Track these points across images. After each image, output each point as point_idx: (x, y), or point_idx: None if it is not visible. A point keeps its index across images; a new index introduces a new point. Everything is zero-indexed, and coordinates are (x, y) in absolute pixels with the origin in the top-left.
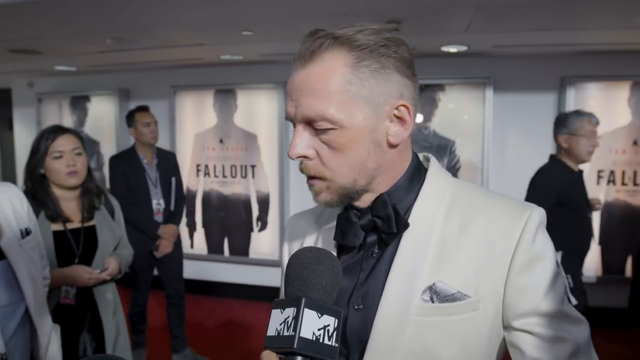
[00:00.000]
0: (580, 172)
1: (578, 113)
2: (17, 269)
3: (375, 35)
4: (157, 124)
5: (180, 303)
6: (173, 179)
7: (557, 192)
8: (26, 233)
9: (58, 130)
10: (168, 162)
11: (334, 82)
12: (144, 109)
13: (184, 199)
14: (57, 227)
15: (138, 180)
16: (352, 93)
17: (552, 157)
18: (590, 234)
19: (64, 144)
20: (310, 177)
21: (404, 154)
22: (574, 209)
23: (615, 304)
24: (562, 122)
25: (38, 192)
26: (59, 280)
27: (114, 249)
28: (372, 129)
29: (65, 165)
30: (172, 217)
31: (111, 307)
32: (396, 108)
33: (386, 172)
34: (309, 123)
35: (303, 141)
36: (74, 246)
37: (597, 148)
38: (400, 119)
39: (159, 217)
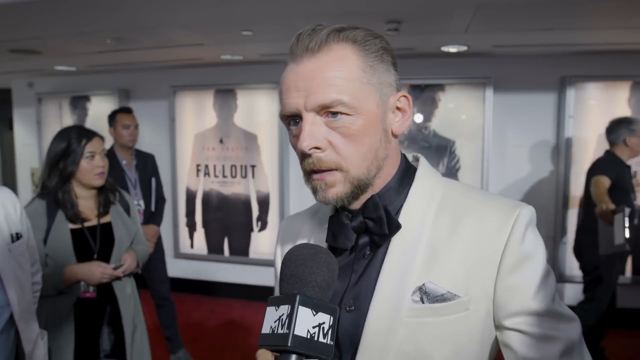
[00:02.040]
0: (629, 166)
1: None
2: (3, 273)
3: (370, 31)
4: (138, 127)
5: (167, 305)
6: (153, 180)
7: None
8: (16, 237)
9: (90, 133)
10: (147, 164)
11: (348, 69)
12: (126, 110)
13: (164, 200)
14: (75, 225)
15: (117, 181)
16: (365, 80)
17: (607, 151)
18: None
19: (95, 145)
20: (319, 171)
21: (397, 153)
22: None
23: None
24: (630, 123)
25: (60, 192)
26: (73, 276)
27: (130, 244)
28: (382, 117)
29: (95, 166)
30: (152, 218)
31: (130, 301)
32: (398, 99)
33: (388, 166)
34: (320, 112)
35: (315, 130)
36: (91, 243)
37: (597, 147)
38: (400, 110)
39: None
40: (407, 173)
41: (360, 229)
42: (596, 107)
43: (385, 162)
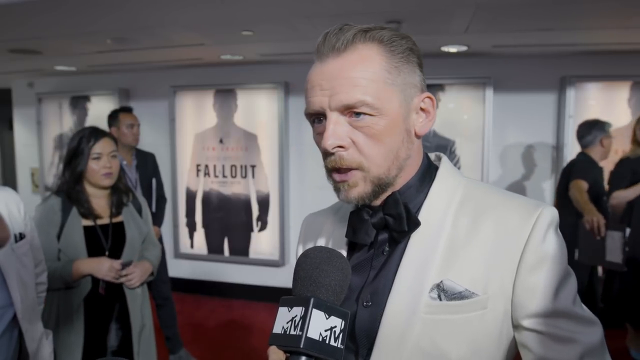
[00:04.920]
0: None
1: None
2: (6, 272)
3: (397, 32)
4: (140, 127)
5: (167, 304)
6: (154, 180)
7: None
8: (20, 237)
9: (98, 134)
10: (147, 163)
11: (372, 69)
12: (128, 110)
13: (165, 200)
14: (88, 222)
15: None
16: (389, 81)
17: (582, 153)
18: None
19: (103, 146)
20: (342, 172)
21: (419, 152)
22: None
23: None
24: (603, 124)
25: (73, 190)
26: (81, 269)
27: (142, 243)
28: (405, 118)
29: (102, 167)
30: (153, 218)
31: (139, 300)
32: (422, 100)
33: (410, 165)
34: (344, 111)
35: (339, 130)
36: (103, 241)
37: None
38: (424, 110)
39: None
40: (428, 172)
41: (380, 225)
42: (596, 107)
43: (407, 162)
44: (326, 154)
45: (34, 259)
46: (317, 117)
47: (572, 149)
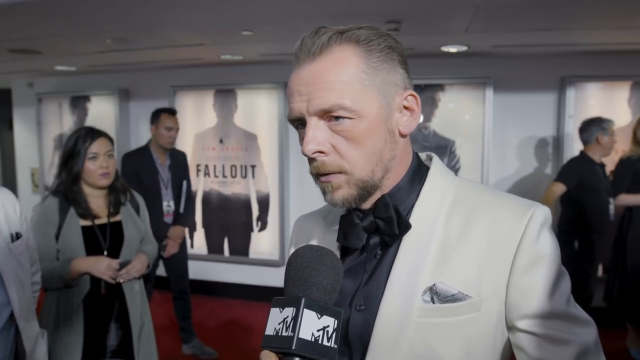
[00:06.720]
0: (602, 164)
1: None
2: (4, 271)
3: (376, 30)
4: (178, 132)
5: (184, 298)
6: (184, 182)
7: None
8: (16, 237)
9: (94, 134)
10: (178, 163)
11: (348, 72)
12: (171, 112)
13: (193, 200)
14: (86, 222)
15: (150, 181)
16: (367, 82)
17: (581, 152)
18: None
19: (99, 146)
20: (325, 174)
21: (407, 152)
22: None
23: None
24: (601, 122)
25: (70, 190)
26: (79, 268)
27: (140, 242)
28: (386, 118)
29: (98, 167)
30: (181, 219)
31: (138, 299)
32: (405, 98)
33: (397, 166)
34: (322, 116)
35: (318, 135)
36: (101, 240)
37: None
38: (408, 109)
39: (168, 219)
40: (418, 172)
41: (371, 229)
42: (596, 107)
43: (392, 163)
44: (310, 160)
45: (29, 258)
46: (299, 123)
47: (571, 149)
